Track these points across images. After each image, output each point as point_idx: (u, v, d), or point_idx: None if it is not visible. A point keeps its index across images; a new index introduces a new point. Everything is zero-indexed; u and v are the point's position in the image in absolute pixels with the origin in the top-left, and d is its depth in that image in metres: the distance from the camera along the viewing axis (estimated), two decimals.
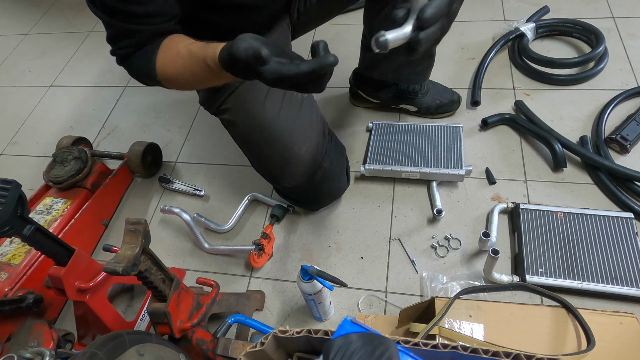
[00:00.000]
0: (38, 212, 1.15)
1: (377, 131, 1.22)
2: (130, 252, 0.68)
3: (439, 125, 1.19)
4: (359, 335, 0.41)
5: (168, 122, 1.48)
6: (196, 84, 0.77)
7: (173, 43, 0.73)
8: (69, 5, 2.11)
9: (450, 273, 0.98)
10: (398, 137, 1.19)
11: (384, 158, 1.15)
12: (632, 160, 1.09)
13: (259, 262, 1.04)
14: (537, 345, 0.69)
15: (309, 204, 1.11)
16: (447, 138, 1.16)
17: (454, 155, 1.11)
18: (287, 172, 0.96)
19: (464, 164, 1.09)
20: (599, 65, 1.26)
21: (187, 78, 0.72)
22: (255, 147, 0.98)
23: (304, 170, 0.96)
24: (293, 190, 1.03)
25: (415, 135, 1.18)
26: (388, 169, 1.12)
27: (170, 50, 0.73)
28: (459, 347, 0.45)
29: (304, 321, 0.97)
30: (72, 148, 1.22)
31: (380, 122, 1.24)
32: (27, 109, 1.66)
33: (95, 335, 0.97)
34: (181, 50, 0.70)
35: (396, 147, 1.17)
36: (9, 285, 0.97)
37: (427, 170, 1.09)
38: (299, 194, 1.05)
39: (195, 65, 0.68)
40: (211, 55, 0.64)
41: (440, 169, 1.09)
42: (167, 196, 1.27)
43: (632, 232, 0.93)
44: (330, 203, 1.12)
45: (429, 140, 1.16)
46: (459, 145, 1.13)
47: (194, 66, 0.69)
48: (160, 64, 0.73)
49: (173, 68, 0.72)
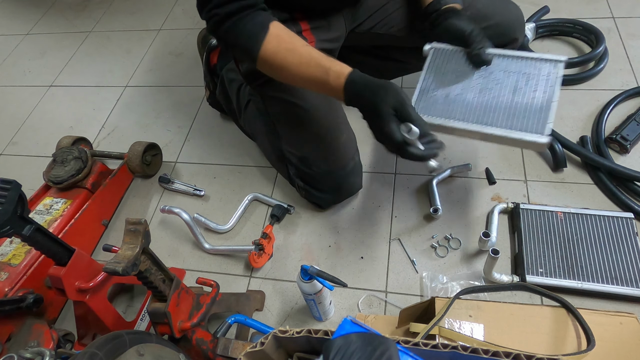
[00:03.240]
0: (38, 212, 1.15)
1: (433, 61, 0.87)
2: (130, 252, 0.68)
3: (531, 57, 0.83)
4: (359, 335, 0.41)
5: (168, 122, 1.48)
6: (298, 83, 0.83)
7: (287, 37, 0.79)
8: (69, 5, 2.11)
9: (450, 273, 0.98)
10: (458, 73, 0.84)
11: (436, 104, 0.83)
12: (632, 160, 1.09)
13: (259, 262, 1.04)
14: (537, 345, 0.69)
15: (328, 193, 1.08)
16: (534, 79, 0.81)
17: (537, 109, 0.77)
18: (325, 155, 0.98)
19: (548, 125, 0.75)
20: (599, 65, 1.26)
21: (293, 75, 0.80)
22: (296, 126, 0.99)
23: (340, 157, 0.98)
24: (321, 176, 1.02)
25: (487, 71, 0.83)
26: (437, 122, 0.81)
27: (285, 42, 0.78)
28: (459, 347, 0.45)
29: (304, 321, 0.97)
30: (72, 148, 1.22)
31: (442, 47, 0.88)
32: (27, 109, 1.66)
33: (95, 335, 0.97)
34: (300, 49, 0.78)
35: (454, 88, 0.83)
36: (9, 285, 0.97)
37: (491, 132, 0.77)
38: (324, 180, 1.04)
39: (312, 71, 0.77)
40: (337, 72, 0.75)
41: (509, 131, 0.76)
42: (167, 196, 1.27)
43: (632, 232, 0.93)
44: (346, 198, 1.12)
45: (506, 80, 0.81)
46: (549, 95, 0.78)
47: (311, 70, 0.77)
48: (270, 51, 0.78)
49: (284, 60, 0.78)
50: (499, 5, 0.99)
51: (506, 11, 0.99)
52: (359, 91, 0.74)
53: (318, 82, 0.78)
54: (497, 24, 0.95)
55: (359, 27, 1.06)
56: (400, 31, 1.04)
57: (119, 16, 1.97)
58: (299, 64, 0.78)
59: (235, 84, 1.22)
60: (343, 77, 0.75)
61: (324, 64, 0.77)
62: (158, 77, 1.64)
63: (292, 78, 0.82)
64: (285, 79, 0.84)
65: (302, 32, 0.97)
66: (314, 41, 0.98)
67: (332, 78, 0.76)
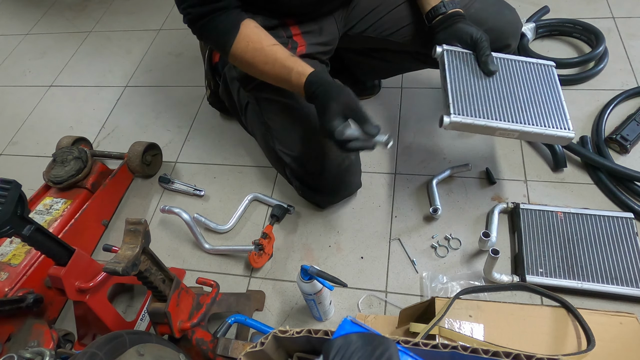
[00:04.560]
0: (38, 212, 1.15)
1: (452, 62, 0.89)
2: (130, 252, 0.68)
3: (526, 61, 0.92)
4: (359, 335, 0.41)
5: (168, 122, 1.48)
6: (267, 80, 0.90)
7: (256, 36, 0.86)
8: (69, 5, 2.11)
9: (450, 273, 0.98)
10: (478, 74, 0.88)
11: (471, 106, 0.84)
12: (632, 160, 1.09)
13: (259, 262, 1.04)
14: (537, 345, 0.69)
15: (325, 193, 1.08)
16: (539, 81, 0.89)
17: (555, 107, 0.86)
18: (317, 154, 0.98)
19: (569, 120, 0.84)
20: (599, 65, 1.26)
21: (261, 72, 0.88)
22: (288, 125, 1.01)
23: (333, 156, 0.98)
24: (316, 176, 1.02)
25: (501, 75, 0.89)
26: (480, 123, 0.82)
27: (253, 42, 0.86)
28: (459, 347, 0.45)
29: (304, 321, 0.97)
30: (72, 148, 1.22)
31: (453, 49, 0.90)
32: (27, 109, 1.66)
33: (95, 335, 0.97)
34: (266, 49, 0.85)
35: (481, 88, 0.86)
36: (9, 285, 0.96)
37: (529, 130, 0.82)
38: (320, 180, 1.04)
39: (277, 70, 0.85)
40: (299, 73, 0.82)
41: (544, 129, 0.83)
42: (167, 196, 1.27)
43: (632, 232, 0.93)
44: (345, 198, 1.11)
45: (519, 82, 0.88)
46: (557, 94, 0.87)
47: (276, 70, 0.85)
48: (240, 50, 0.86)
49: (252, 59, 0.86)
50: (493, 10, 0.99)
51: (500, 16, 0.99)
52: (315, 90, 0.81)
53: (282, 81, 0.87)
54: (490, 29, 0.94)
55: (351, 30, 1.07)
56: (393, 35, 1.04)
57: (119, 16, 1.97)
58: (265, 63, 0.86)
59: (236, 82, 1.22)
60: (303, 77, 0.82)
61: (287, 64, 0.84)
62: (158, 77, 1.64)
63: (260, 75, 0.90)
64: (255, 75, 0.91)
65: (292, 36, 0.98)
66: (304, 45, 0.98)
67: (294, 78, 0.84)
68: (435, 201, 1.08)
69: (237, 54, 0.87)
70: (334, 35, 1.04)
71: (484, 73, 0.89)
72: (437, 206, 1.05)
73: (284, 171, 1.10)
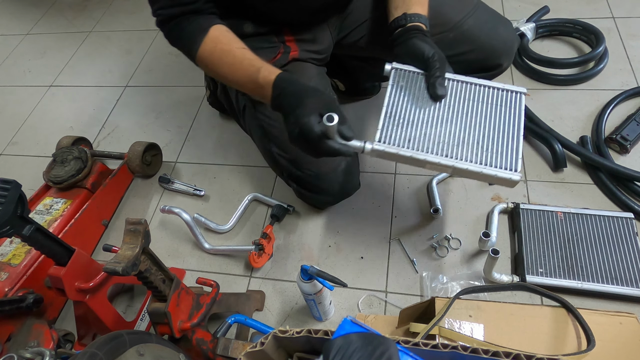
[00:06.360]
0: (38, 212, 1.15)
1: (397, 82, 0.80)
2: (130, 252, 0.68)
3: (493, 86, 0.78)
4: (359, 335, 0.41)
5: (168, 122, 1.48)
6: (232, 83, 0.87)
7: (225, 39, 0.82)
8: (69, 5, 2.11)
9: (450, 273, 0.98)
10: (423, 98, 0.78)
11: (403, 133, 0.75)
12: (632, 160, 1.09)
13: (259, 262, 1.04)
14: (537, 345, 0.69)
15: (323, 195, 1.07)
16: (501, 111, 0.76)
17: (507, 144, 0.73)
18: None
19: (519, 161, 0.72)
20: (599, 65, 1.26)
21: (227, 75, 0.84)
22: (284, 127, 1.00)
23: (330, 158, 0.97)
24: (313, 178, 1.01)
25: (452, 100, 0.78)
26: (406, 154, 0.73)
27: (221, 44, 0.82)
28: (459, 347, 0.45)
29: (304, 321, 0.97)
30: (72, 148, 1.22)
31: (403, 68, 0.81)
32: (27, 109, 1.66)
33: (95, 335, 0.97)
34: (234, 51, 0.81)
35: (421, 114, 0.76)
36: (9, 285, 0.97)
37: (464, 167, 0.72)
38: (317, 182, 1.02)
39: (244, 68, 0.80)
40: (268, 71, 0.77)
41: (483, 167, 0.72)
42: (167, 196, 1.27)
43: (632, 232, 0.93)
44: (343, 199, 1.10)
45: (472, 110, 0.77)
46: (515, 128, 0.75)
47: (243, 68, 0.80)
48: (207, 52, 0.82)
49: (219, 61, 0.82)
50: (487, 28, 0.94)
51: (494, 34, 0.94)
52: (285, 87, 0.76)
53: (249, 81, 0.81)
54: (481, 47, 0.91)
55: (344, 40, 1.06)
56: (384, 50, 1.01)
57: (119, 16, 1.97)
58: (231, 64, 0.82)
59: None
60: (273, 75, 0.77)
61: (255, 63, 0.80)
62: (158, 77, 1.64)
63: (225, 77, 0.86)
64: (221, 79, 0.88)
65: (285, 42, 0.97)
66: (297, 50, 0.98)
67: (262, 76, 0.78)
68: (436, 201, 1.08)
69: (204, 56, 0.83)
70: (327, 44, 1.03)
71: (430, 97, 0.78)
72: (437, 206, 1.05)
73: (282, 173, 1.10)
